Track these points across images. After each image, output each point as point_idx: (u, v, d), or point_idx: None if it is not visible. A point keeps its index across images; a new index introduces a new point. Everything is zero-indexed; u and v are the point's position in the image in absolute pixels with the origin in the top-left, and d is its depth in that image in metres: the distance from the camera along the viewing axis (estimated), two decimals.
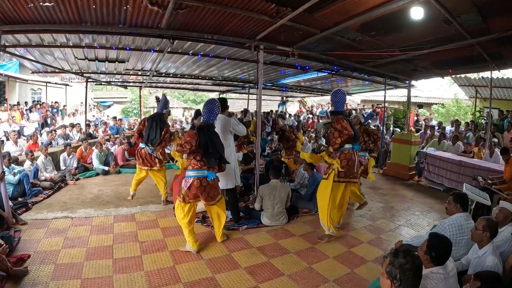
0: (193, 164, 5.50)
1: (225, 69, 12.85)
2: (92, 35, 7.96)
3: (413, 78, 13.20)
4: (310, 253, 5.62)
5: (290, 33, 7.32)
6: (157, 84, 18.60)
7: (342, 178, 5.99)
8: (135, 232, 6.46)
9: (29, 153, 9.77)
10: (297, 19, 6.42)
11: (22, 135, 13.67)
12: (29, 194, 8.29)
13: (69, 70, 13.03)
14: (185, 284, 4.68)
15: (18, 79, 21.54)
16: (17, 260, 5.19)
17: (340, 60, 10.01)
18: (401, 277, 2.52)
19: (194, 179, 5.46)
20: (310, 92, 21.52)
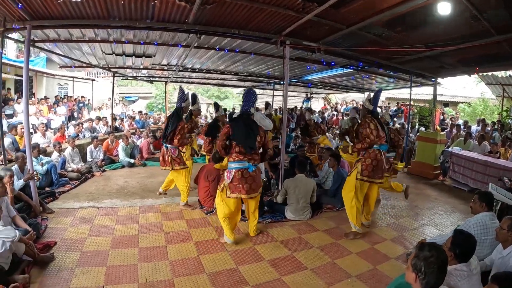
0: (234, 156, 5.50)
1: (250, 64, 12.88)
2: (120, 30, 8.09)
3: (439, 76, 12.95)
4: (333, 248, 5.62)
5: (316, 28, 7.26)
6: (182, 79, 18.71)
7: (365, 177, 5.96)
8: (160, 223, 6.56)
9: (57, 144, 10.04)
10: (323, 14, 6.36)
11: (49, 128, 13.90)
12: (56, 184, 8.54)
13: (97, 64, 13.30)
14: (209, 274, 4.74)
15: (46, 74, 21.89)
16: (44, 246, 5.35)
17: (365, 56, 9.91)
18: (426, 270, 2.53)
19: (235, 171, 5.47)
20: (334, 89, 21.29)
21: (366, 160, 5.94)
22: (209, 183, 7.37)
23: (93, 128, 14.87)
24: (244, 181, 5.46)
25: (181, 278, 4.64)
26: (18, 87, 20.31)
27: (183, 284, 4.47)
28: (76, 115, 18.94)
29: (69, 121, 17.28)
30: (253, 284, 4.49)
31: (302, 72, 14.27)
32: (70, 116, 18.37)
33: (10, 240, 4.48)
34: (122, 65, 13.69)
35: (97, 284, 4.42)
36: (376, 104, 6.19)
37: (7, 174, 6.08)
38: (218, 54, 11.02)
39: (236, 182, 5.46)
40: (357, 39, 8.05)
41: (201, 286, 4.44)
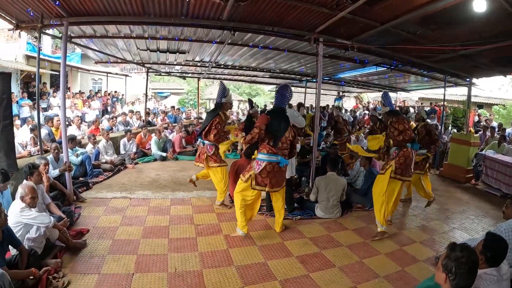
0: (268, 149, 5.47)
1: (282, 62, 12.87)
2: (155, 26, 8.23)
3: (474, 76, 12.70)
4: (362, 248, 5.59)
5: (350, 26, 7.22)
6: (214, 75, 18.96)
7: (399, 175, 5.94)
8: (191, 215, 6.66)
9: (92, 137, 10.29)
10: (357, 12, 6.31)
11: (84, 121, 14.24)
12: (90, 175, 8.80)
13: (131, 60, 13.58)
14: (238, 267, 4.79)
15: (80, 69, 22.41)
16: (77, 233, 5.55)
17: (399, 55, 9.80)
18: (456, 270, 2.52)
19: (266, 163, 5.46)
20: (367, 88, 21.13)
21: (400, 159, 5.91)
22: None
23: (126, 121, 15.16)
24: (272, 175, 5.47)
25: (210, 269, 4.70)
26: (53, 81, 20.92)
27: (211, 276, 4.53)
28: (110, 109, 19.37)
29: (102, 115, 17.68)
30: (281, 279, 4.51)
31: (334, 70, 14.26)
32: (104, 110, 18.81)
33: (44, 225, 4.66)
34: (156, 61, 13.89)
35: (128, 271, 4.54)
36: (390, 104, 6.21)
37: (42, 162, 6.27)
38: (250, 52, 11.10)
39: (265, 175, 5.46)
40: (391, 37, 7.96)
41: (230, 278, 4.49)
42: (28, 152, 8.45)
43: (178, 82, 41.29)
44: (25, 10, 6.92)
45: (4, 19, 7.64)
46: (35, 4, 6.66)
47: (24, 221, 4.58)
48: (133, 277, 4.43)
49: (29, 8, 6.77)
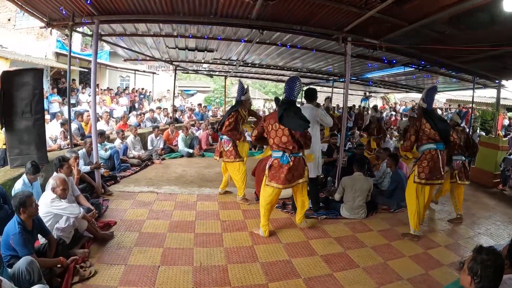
0: (274, 145, 5.47)
1: (309, 61, 12.80)
2: (185, 25, 8.30)
3: (504, 77, 12.34)
4: (386, 250, 5.53)
5: (378, 25, 7.13)
6: (241, 74, 18.91)
7: (423, 180, 5.80)
8: (217, 211, 6.74)
9: (120, 132, 10.57)
10: (385, 11, 6.21)
11: (112, 117, 14.47)
12: (118, 169, 9.02)
13: (160, 58, 13.71)
14: (262, 263, 4.82)
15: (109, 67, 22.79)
16: (104, 225, 5.70)
17: (427, 55, 9.61)
18: (482, 273, 2.50)
19: (273, 159, 5.48)
20: (394, 88, 20.68)
21: (423, 163, 5.79)
22: None
23: (154, 118, 15.39)
24: (281, 171, 5.40)
25: (235, 265, 4.75)
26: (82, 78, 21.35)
27: (236, 271, 4.58)
28: (137, 106, 19.60)
29: (130, 111, 17.92)
30: (305, 277, 4.51)
31: (361, 70, 14.12)
32: (131, 106, 19.04)
33: (74, 216, 4.80)
34: (184, 59, 14.00)
35: (154, 264, 4.63)
36: (430, 102, 6.02)
37: (73, 156, 6.43)
38: (277, 51, 11.09)
39: (274, 171, 5.46)
40: (419, 36, 7.82)
41: (254, 274, 4.53)
42: (58, 146, 8.70)
43: (204, 80, 41.58)
44: (57, 8, 7.10)
45: (37, 18, 7.87)
46: (67, 3, 6.81)
47: (54, 211, 4.73)
48: (159, 269, 4.52)
49: (62, 6, 6.96)
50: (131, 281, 4.22)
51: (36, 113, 6.69)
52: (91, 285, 4.10)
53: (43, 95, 7.06)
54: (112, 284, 4.14)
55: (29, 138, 6.65)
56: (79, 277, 4.15)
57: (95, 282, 4.16)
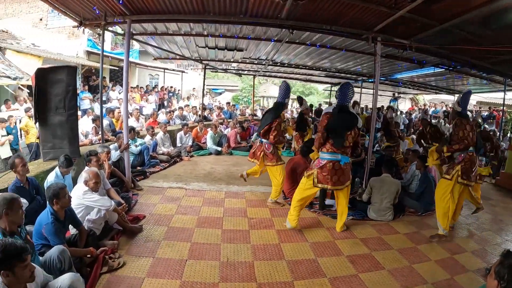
0: (328, 148, 5.51)
1: (337, 61, 12.74)
2: (215, 24, 8.33)
3: None
4: (412, 253, 5.47)
5: (408, 25, 7.04)
6: (270, 73, 19.03)
7: (465, 180, 5.77)
8: (245, 209, 6.78)
9: (150, 129, 10.67)
10: (415, 11, 6.08)
11: (141, 114, 14.70)
12: (147, 164, 9.18)
13: (190, 57, 13.80)
14: (288, 261, 4.84)
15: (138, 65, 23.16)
16: (133, 218, 5.86)
17: (457, 55, 9.38)
18: (509, 277, 2.48)
19: (327, 161, 5.49)
20: (423, 89, 20.45)
21: (466, 163, 5.75)
22: (297, 175, 7.35)
23: (183, 116, 15.57)
24: (334, 172, 5.48)
25: (261, 262, 4.79)
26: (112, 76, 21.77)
27: (262, 268, 4.62)
28: (166, 103, 19.87)
29: (159, 109, 18.15)
30: (330, 277, 4.52)
31: (391, 70, 13.96)
32: (160, 104, 19.29)
33: (105, 208, 4.94)
34: (213, 58, 14.09)
35: (181, 257, 4.72)
36: (465, 106, 5.98)
37: (105, 150, 6.61)
38: (306, 51, 11.05)
39: (326, 173, 5.47)
40: (450, 37, 7.63)
41: (280, 271, 4.56)
42: (90, 141, 8.92)
43: (232, 79, 41.78)
44: (90, 8, 7.27)
45: (70, 17, 8.08)
46: (100, 3, 6.97)
47: (86, 203, 4.87)
48: (186, 263, 4.60)
49: (95, 6, 7.11)
50: (159, 273, 4.31)
51: (70, 108, 6.88)
52: (119, 276, 4.21)
53: (76, 92, 7.25)
54: (140, 275, 4.24)
55: (62, 133, 6.84)
56: (108, 268, 4.28)
57: (123, 273, 4.27)
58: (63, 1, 7.22)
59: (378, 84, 8.40)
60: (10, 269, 2.66)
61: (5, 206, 3.33)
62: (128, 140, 7.70)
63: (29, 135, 10.91)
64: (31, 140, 10.83)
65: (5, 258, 2.62)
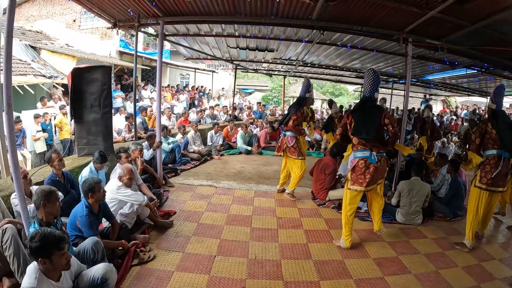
0: (357, 145, 5.21)
1: (368, 62, 12.61)
2: (246, 25, 8.44)
3: None
4: (439, 258, 5.36)
5: (439, 25, 6.91)
6: (300, 73, 18.92)
7: (484, 185, 5.48)
8: (274, 208, 6.82)
9: (182, 127, 10.94)
10: (446, 11, 5.97)
11: (172, 113, 14.92)
12: (178, 162, 9.36)
13: (221, 57, 13.95)
14: (315, 261, 4.87)
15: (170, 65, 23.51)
16: (164, 214, 6.00)
17: (490, 56, 9.12)
18: None
19: (358, 159, 5.18)
20: (455, 91, 20.18)
21: (486, 167, 5.50)
22: (325, 176, 7.38)
23: (214, 115, 15.75)
24: (366, 171, 5.14)
25: (289, 260, 4.83)
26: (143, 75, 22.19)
27: (289, 266, 4.67)
28: (197, 103, 20.08)
29: (189, 108, 18.36)
30: (356, 278, 4.51)
31: (422, 72, 13.73)
32: (191, 103, 19.51)
33: (138, 203, 5.10)
34: (244, 58, 14.21)
35: (210, 253, 4.82)
36: (499, 102, 5.72)
37: (138, 148, 6.81)
38: (336, 51, 11.06)
39: (359, 172, 5.17)
40: (482, 37, 7.49)
41: (307, 271, 4.60)
42: (123, 138, 9.16)
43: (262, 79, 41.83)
44: (125, 10, 7.51)
45: (104, 19, 8.38)
46: (134, 6, 7.17)
47: (119, 198, 5.04)
48: (215, 258, 4.70)
49: (129, 8, 7.32)
50: (188, 267, 4.42)
51: (104, 106, 7.11)
52: (149, 268, 4.35)
53: (111, 90, 7.45)
54: (169, 268, 4.36)
55: (97, 130, 7.09)
56: (139, 260, 4.42)
57: (153, 266, 4.40)
58: (99, 4, 7.42)
59: (410, 85, 8.31)
60: (48, 257, 2.80)
61: (43, 197, 3.49)
62: (161, 138, 7.89)
63: (63, 131, 11.38)
64: (64, 136, 11.31)
65: (44, 246, 2.76)
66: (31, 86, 12.54)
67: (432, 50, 8.24)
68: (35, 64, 13.88)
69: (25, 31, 17.79)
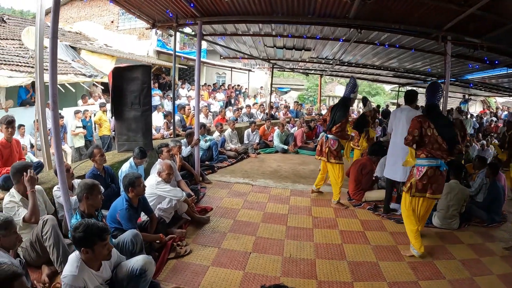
0: (427, 153, 5.07)
1: (405, 61, 12.48)
2: (283, 24, 8.48)
3: None
4: (475, 265, 5.17)
5: (478, 23, 6.79)
6: (337, 73, 18.99)
7: None
8: (309, 207, 6.81)
9: (219, 125, 11.05)
10: (486, 8, 5.85)
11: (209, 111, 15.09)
12: (215, 160, 9.47)
13: (258, 56, 14.08)
14: (349, 262, 4.84)
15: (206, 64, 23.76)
16: (201, 210, 6.12)
17: None
18: None
19: (427, 168, 5.05)
20: (495, 91, 19.66)
21: None
22: (362, 176, 7.30)
23: (250, 113, 15.89)
24: (434, 180, 5.07)
25: (323, 260, 4.83)
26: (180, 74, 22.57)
27: (324, 266, 4.67)
28: (233, 101, 20.21)
29: (226, 106, 18.50)
30: (390, 281, 4.47)
31: (460, 71, 13.44)
32: (227, 102, 19.66)
33: (176, 199, 5.22)
34: (281, 57, 14.21)
35: (245, 250, 4.88)
36: None
37: (177, 145, 6.97)
38: (373, 51, 10.98)
39: (426, 180, 5.07)
40: None
41: (341, 271, 4.59)
42: (162, 135, 9.33)
43: (297, 78, 41.80)
44: (163, 11, 7.70)
45: (143, 20, 8.66)
46: (172, 7, 7.35)
47: (158, 193, 5.18)
48: (250, 255, 4.76)
49: (168, 9, 7.48)
50: (223, 263, 4.49)
51: (144, 104, 7.27)
52: (185, 262, 4.45)
53: (150, 89, 7.61)
54: (205, 263, 4.44)
55: (137, 127, 7.26)
56: (175, 254, 4.54)
57: (189, 260, 4.50)
58: (138, 5, 7.64)
59: (449, 85, 8.15)
60: (90, 247, 2.91)
61: (85, 190, 3.63)
62: (199, 135, 8.01)
63: (102, 128, 11.74)
64: (104, 133, 11.67)
65: (87, 237, 2.87)
66: (72, 85, 12.94)
67: (471, 48, 8.07)
68: (76, 63, 14.32)
69: (65, 32, 18.38)
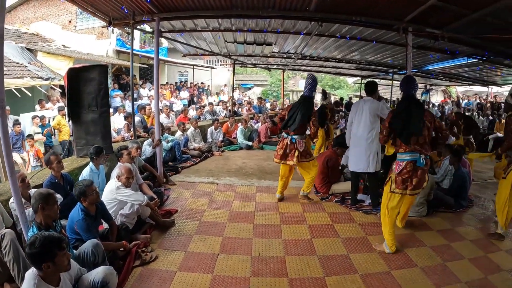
0: (404, 147, 4.92)
1: (367, 53, 12.57)
2: (243, 19, 8.37)
3: None
4: (446, 251, 5.27)
5: (440, 14, 6.82)
6: (299, 67, 18.98)
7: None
8: (276, 204, 6.76)
9: (181, 124, 10.92)
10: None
11: (171, 110, 14.92)
12: (179, 160, 9.31)
13: (218, 53, 13.90)
14: (320, 257, 4.81)
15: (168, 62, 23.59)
16: (166, 213, 5.97)
17: (491, 45, 9.03)
18: None
19: (407, 162, 4.89)
20: (456, 81, 20.08)
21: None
22: (328, 169, 7.29)
23: (213, 111, 15.89)
24: (414, 175, 4.90)
25: (293, 256, 4.78)
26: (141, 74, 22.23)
27: (294, 263, 4.62)
28: (196, 99, 20.09)
29: (189, 105, 18.35)
30: (362, 273, 4.46)
31: (422, 62, 13.72)
32: (190, 100, 19.52)
33: (138, 203, 5.04)
34: (242, 53, 14.12)
35: (213, 252, 4.76)
36: None
37: (135, 146, 6.78)
38: (335, 43, 10.95)
39: (406, 176, 4.92)
40: (483, 25, 7.31)
41: (312, 267, 4.54)
42: (122, 137, 9.17)
43: (261, 74, 41.77)
44: (119, 8, 7.43)
45: (99, 18, 8.38)
46: (128, 2, 7.13)
47: (119, 198, 4.99)
48: (218, 257, 4.64)
49: (123, 6, 7.26)
50: (191, 267, 4.37)
51: (102, 106, 7.05)
52: (152, 269, 4.30)
53: (108, 90, 7.43)
54: (172, 268, 4.31)
55: (95, 130, 7.03)
56: (141, 261, 4.38)
57: (156, 266, 4.35)
58: (92, 2, 7.40)
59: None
60: (51, 259, 2.75)
61: (41, 201, 3.45)
62: (160, 136, 7.84)
63: (61, 133, 11.34)
64: (63, 138, 11.27)
65: (47, 250, 2.72)
66: (28, 89, 12.54)
67: (432, 39, 8.10)
68: (32, 66, 13.88)
69: (21, 34, 17.81)
